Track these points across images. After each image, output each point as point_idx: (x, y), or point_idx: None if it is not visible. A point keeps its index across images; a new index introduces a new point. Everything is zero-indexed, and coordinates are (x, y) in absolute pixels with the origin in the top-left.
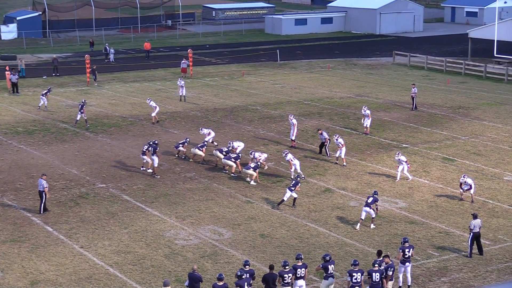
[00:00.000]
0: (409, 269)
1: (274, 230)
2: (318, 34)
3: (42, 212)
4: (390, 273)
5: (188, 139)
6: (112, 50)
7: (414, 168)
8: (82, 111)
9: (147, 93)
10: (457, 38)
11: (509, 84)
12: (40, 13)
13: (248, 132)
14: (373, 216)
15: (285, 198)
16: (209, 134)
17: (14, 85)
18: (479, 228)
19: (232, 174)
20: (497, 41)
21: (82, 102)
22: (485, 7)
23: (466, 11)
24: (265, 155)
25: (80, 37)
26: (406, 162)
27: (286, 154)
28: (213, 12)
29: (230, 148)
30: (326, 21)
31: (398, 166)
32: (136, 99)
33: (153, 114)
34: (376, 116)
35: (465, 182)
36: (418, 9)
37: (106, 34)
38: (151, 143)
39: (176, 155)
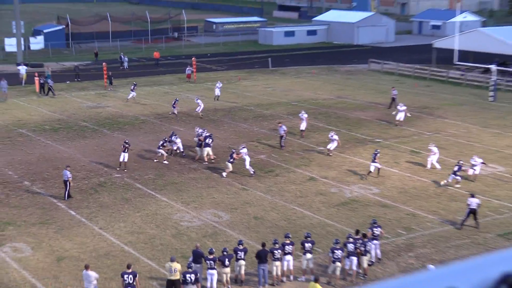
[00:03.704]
0: (378, 245)
1: (266, 213)
2: (304, 44)
3: (66, 199)
4: (363, 248)
5: (173, 132)
6: (126, 59)
7: (386, 160)
8: (175, 106)
9: (157, 95)
10: (424, 48)
11: (467, 87)
12: (64, 26)
13: (244, 129)
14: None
15: (371, 170)
16: (200, 134)
17: (50, 89)
18: (477, 205)
19: (206, 162)
20: (457, 50)
21: (176, 99)
22: (448, 21)
23: (431, 25)
24: (245, 150)
25: (98, 47)
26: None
27: (243, 147)
28: (214, 25)
29: (200, 134)
30: (311, 33)
31: (429, 155)
32: (147, 101)
33: (199, 111)
34: (354, 115)
35: (474, 161)
36: (390, 23)
37: (121, 44)
38: (166, 138)
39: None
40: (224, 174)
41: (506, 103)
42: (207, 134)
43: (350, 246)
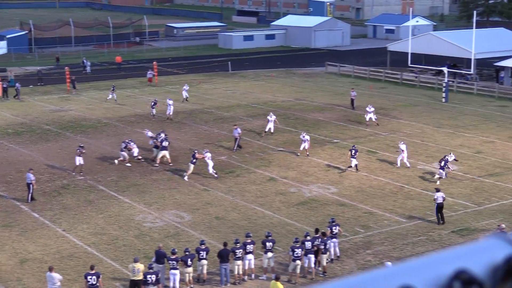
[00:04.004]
0: (337, 243)
1: (227, 213)
2: (263, 48)
3: (29, 201)
4: (322, 247)
5: (127, 140)
6: (88, 63)
7: (344, 160)
8: (153, 107)
9: (119, 99)
10: (378, 51)
11: (420, 88)
12: (27, 32)
13: (205, 131)
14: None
15: (352, 165)
16: (152, 138)
17: (17, 92)
18: (443, 199)
19: (170, 164)
20: (410, 53)
21: (155, 100)
22: (401, 25)
23: (385, 29)
24: (209, 155)
25: (61, 52)
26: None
27: (206, 152)
28: (175, 30)
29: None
30: (269, 37)
31: (400, 155)
32: (109, 104)
33: (169, 113)
34: (311, 116)
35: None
36: (346, 27)
37: (83, 49)
38: (127, 141)
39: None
40: (186, 177)
41: (457, 103)
42: (163, 137)
43: (308, 244)
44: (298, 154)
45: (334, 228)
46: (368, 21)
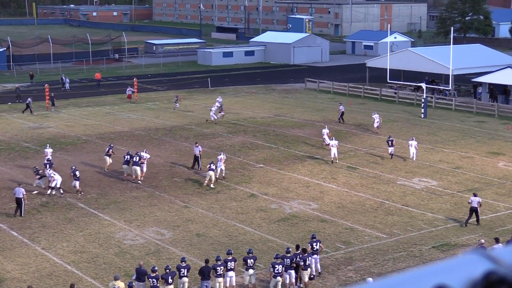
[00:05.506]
0: (318, 260)
1: (208, 230)
2: (242, 65)
3: (22, 215)
4: (302, 263)
5: (36, 167)
6: (67, 80)
7: (324, 176)
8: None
9: (99, 116)
10: (357, 67)
11: (400, 104)
12: (5, 48)
13: (185, 148)
14: None
15: (390, 152)
16: (46, 155)
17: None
18: (477, 204)
19: (139, 182)
20: (389, 69)
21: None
22: (379, 42)
23: (364, 45)
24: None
25: (40, 69)
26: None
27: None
28: (154, 46)
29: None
30: (249, 53)
31: (410, 149)
32: (89, 121)
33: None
34: (291, 132)
35: None
36: (325, 43)
37: (62, 66)
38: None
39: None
40: (211, 185)
41: (436, 119)
42: (132, 153)
43: (286, 260)
44: (333, 161)
45: (315, 244)
46: (347, 38)
